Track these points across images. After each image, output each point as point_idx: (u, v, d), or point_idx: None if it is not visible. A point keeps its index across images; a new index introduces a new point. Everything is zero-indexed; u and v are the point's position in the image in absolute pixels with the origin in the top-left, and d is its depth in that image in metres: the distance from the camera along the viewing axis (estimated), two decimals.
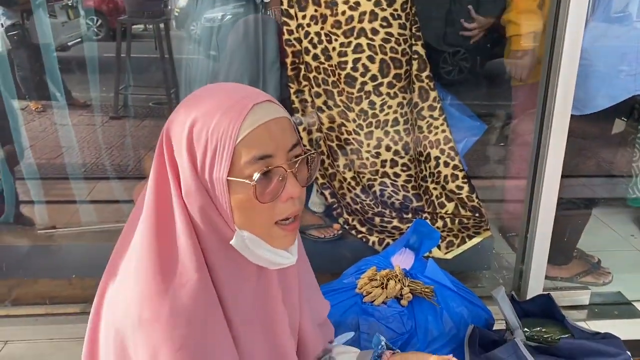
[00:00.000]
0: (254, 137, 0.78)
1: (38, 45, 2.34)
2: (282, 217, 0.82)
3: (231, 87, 0.84)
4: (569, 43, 1.68)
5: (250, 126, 0.78)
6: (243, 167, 0.78)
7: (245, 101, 0.79)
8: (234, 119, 0.77)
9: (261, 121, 0.79)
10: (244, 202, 0.79)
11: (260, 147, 0.78)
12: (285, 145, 0.81)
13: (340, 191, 2.05)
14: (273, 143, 0.79)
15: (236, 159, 0.77)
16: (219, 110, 0.78)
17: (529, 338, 1.35)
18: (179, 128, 0.80)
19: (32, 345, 1.79)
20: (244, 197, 0.79)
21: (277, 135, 0.80)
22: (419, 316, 1.44)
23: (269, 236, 0.83)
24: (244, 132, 0.77)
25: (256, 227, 0.81)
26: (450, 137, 1.97)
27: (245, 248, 0.82)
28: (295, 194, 0.81)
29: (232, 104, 0.78)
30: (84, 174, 2.91)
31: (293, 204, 0.83)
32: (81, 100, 3.43)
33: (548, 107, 1.78)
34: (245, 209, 0.80)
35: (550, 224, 1.85)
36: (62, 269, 1.98)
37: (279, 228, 0.83)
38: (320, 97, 1.93)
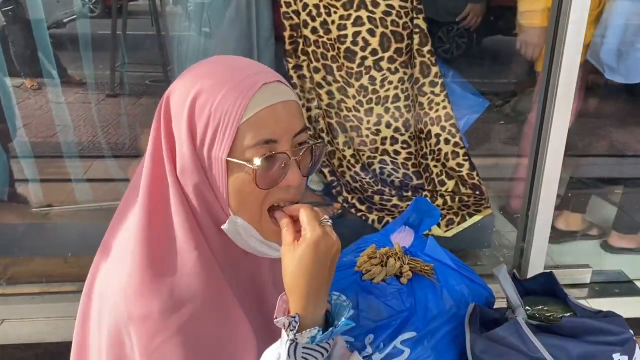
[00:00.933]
0: (260, 118, 0.74)
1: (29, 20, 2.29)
2: (275, 202, 0.79)
3: (243, 62, 0.79)
4: (573, 18, 1.64)
5: (257, 106, 0.73)
6: (245, 149, 0.74)
7: (255, 78, 0.75)
8: (240, 96, 0.73)
9: (269, 102, 0.74)
10: (240, 185, 0.75)
11: (266, 130, 0.74)
12: (291, 130, 0.77)
13: (339, 169, 2.02)
14: (279, 127, 0.75)
15: (238, 140, 0.73)
16: (226, 84, 0.74)
17: (531, 316, 1.33)
18: (181, 98, 0.75)
19: (29, 323, 1.78)
20: (241, 180, 0.75)
21: (283, 120, 0.76)
22: (418, 294, 1.42)
23: (259, 225, 0.80)
24: (250, 112, 0.73)
25: (248, 212, 0.78)
26: (451, 114, 1.93)
27: (236, 234, 0.80)
28: (295, 182, 0.78)
29: (240, 80, 0.74)
30: (80, 152, 2.88)
31: (288, 191, 0.79)
32: (77, 78, 3.38)
33: (551, 85, 1.75)
34: (240, 192, 0.76)
35: (552, 202, 1.83)
36: (58, 247, 1.97)
37: (270, 222, 0.79)
38: (319, 73, 1.89)
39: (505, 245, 2.18)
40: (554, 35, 1.71)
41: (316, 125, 1.97)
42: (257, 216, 0.78)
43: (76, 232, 1.97)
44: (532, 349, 1.21)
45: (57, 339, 1.72)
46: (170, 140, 0.77)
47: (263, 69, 0.78)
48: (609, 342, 1.24)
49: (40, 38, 2.26)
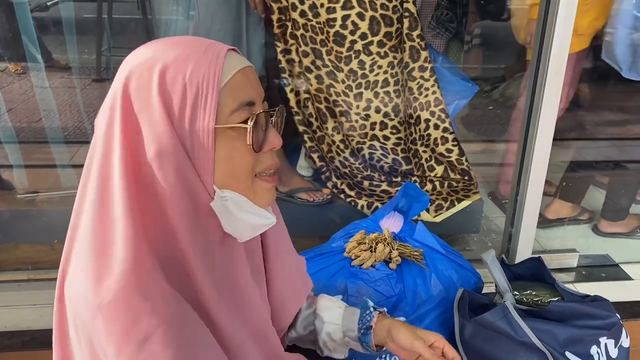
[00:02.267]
0: (237, 82, 0.74)
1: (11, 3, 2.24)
2: (263, 168, 0.78)
3: (191, 38, 0.77)
4: (564, 3, 1.64)
5: (231, 71, 0.74)
6: (229, 114, 0.72)
7: (217, 47, 0.74)
8: (213, 62, 0.72)
9: (238, 67, 0.75)
10: (230, 154, 0.73)
11: (245, 92, 0.74)
12: (261, 93, 0.78)
13: (328, 154, 2.01)
14: (253, 90, 0.76)
15: (222, 106, 0.72)
16: (192, 55, 0.71)
17: (519, 301, 1.34)
18: (144, 79, 0.70)
19: (15, 311, 1.76)
20: (230, 147, 0.73)
21: (254, 83, 0.77)
22: (407, 279, 1.42)
23: (252, 191, 0.78)
24: (226, 77, 0.73)
25: (240, 181, 0.76)
26: (440, 99, 1.92)
27: (225, 212, 0.76)
28: (278, 144, 0.79)
29: (204, 50, 0.73)
30: (66, 137, 2.84)
31: (273, 156, 0.80)
32: (62, 62, 3.32)
33: (541, 70, 1.74)
34: (230, 160, 0.74)
35: (540, 187, 1.84)
36: (44, 234, 1.94)
37: (261, 180, 0.79)
38: (308, 57, 1.87)
39: (494, 231, 2.19)
40: (543, 21, 1.70)
41: (305, 110, 1.95)
42: (249, 184, 0.77)
43: (62, 219, 1.94)
44: (520, 334, 1.22)
45: (44, 327, 1.70)
46: (129, 131, 0.70)
47: (214, 41, 0.77)
48: (596, 326, 1.25)
49: (24, 21, 2.21)
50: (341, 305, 1.08)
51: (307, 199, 1.96)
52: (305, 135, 1.95)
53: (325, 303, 1.09)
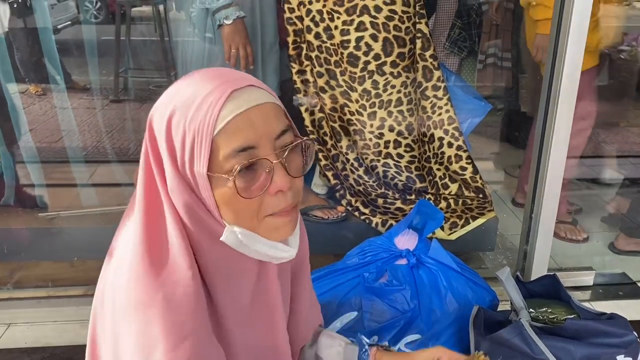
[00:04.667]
0: (233, 127, 0.71)
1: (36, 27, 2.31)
2: (271, 212, 0.75)
3: (213, 73, 0.77)
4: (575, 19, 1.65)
5: (228, 115, 0.71)
6: (223, 160, 0.71)
7: (224, 87, 0.72)
8: (211, 108, 0.71)
9: (241, 109, 0.72)
10: (228, 198, 0.73)
11: (240, 138, 0.71)
12: (271, 133, 0.74)
13: (343, 172, 2.03)
14: (255, 133, 0.72)
15: (215, 152, 0.71)
16: (196, 99, 0.72)
17: (535, 319, 1.34)
18: (160, 120, 0.74)
19: (35, 327, 1.79)
20: (227, 192, 0.72)
21: (259, 124, 0.73)
22: (422, 295, 1.43)
23: (261, 229, 0.76)
24: (222, 122, 0.71)
25: (245, 221, 0.75)
26: (454, 118, 1.94)
27: (239, 244, 0.76)
28: (284, 186, 0.74)
29: (209, 91, 0.72)
30: (85, 157, 2.90)
31: (284, 198, 0.75)
32: (81, 84, 3.40)
33: (554, 87, 1.76)
34: (230, 204, 0.74)
35: (555, 204, 1.84)
36: (64, 251, 1.98)
37: (271, 218, 0.76)
38: (323, 77, 1.90)
39: (509, 248, 2.18)
40: (556, 37, 1.72)
41: (319, 129, 1.98)
42: (256, 223, 0.76)
43: (82, 237, 1.98)
44: (536, 351, 1.22)
45: (64, 343, 1.72)
46: (159, 162, 0.75)
47: (234, 76, 0.75)
48: (613, 344, 1.25)
49: (47, 45, 2.27)
50: (342, 343, 1.06)
51: (322, 216, 1.98)
52: (320, 154, 1.98)
53: (326, 341, 1.07)
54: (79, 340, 1.75)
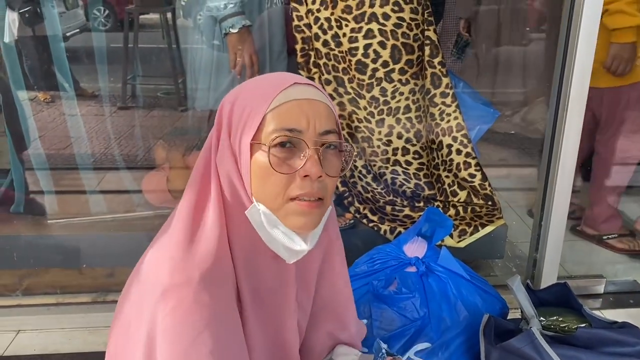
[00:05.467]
0: (285, 109, 0.79)
1: (45, 35, 2.33)
2: (296, 193, 0.80)
3: (279, 73, 0.89)
4: (585, 27, 1.65)
5: (283, 99, 0.79)
6: (268, 134, 0.78)
7: (287, 78, 0.82)
8: (271, 90, 0.80)
9: (296, 97, 0.80)
10: (261, 169, 0.79)
11: (290, 119, 0.79)
12: (317, 126, 0.81)
13: (351, 180, 2.03)
14: (304, 119, 0.80)
15: (264, 127, 0.79)
16: (260, 85, 0.83)
17: (546, 327, 1.33)
18: (227, 106, 0.84)
19: (44, 334, 1.80)
20: (262, 165, 0.79)
21: (309, 113, 0.80)
22: (432, 303, 1.42)
23: (282, 212, 0.81)
24: (277, 102, 0.79)
25: (270, 199, 0.80)
26: (462, 125, 1.93)
27: (260, 225, 0.82)
28: (312, 173, 0.79)
29: (275, 80, 0.82)
30: (93, 164, 2.90)
31: (311, 185, 0.80)
32: (89, 91, 3.42)
33: (563, 94, 1.75)
34: (261, 177, 0.79)
35: (565, 212, 1.83)
36: (72, 258, 1.98)
37: (294, 203, 0.80)
38: (331, 85, 1.90)
39: (518, 256, 2.17)
40: (565, 45, 1.71)
41: None
42: (280, 204, 0.80)
43: (90, 244, 1.99)
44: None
45: (72, 350, 1.72)
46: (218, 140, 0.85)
47: (299, 77, 0.84)
48: (625, 353, 1.23)
49: (57, 53, 2.29)
50: (357, 353, 1.09)
51: None
52: None
53: (341, 350, 1.10)
54: (86, 348, 1.75)
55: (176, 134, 3.35)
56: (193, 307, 0.75)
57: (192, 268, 0.77)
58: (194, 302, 0.75)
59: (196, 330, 0.75)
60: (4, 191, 2.17)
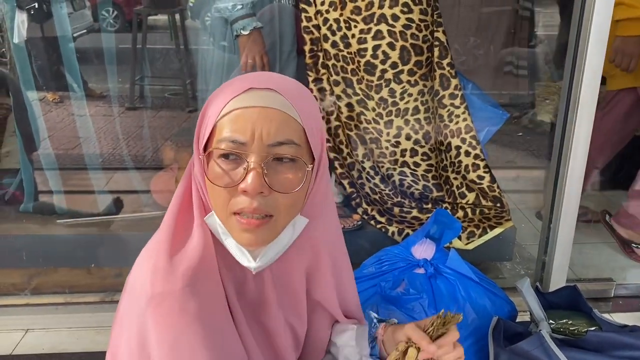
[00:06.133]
0: (234, 117, 0.76)
1: (54, 36, 2.34)
2: (235, 209, 0.76)
3: (250, 74, 0.83)
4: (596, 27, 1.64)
5: (235, 105, 0.76)
6: (215, 143, 0.77)
7: (245, 83, 0.78)
8: (227, 96, 0.77)
9: (247, 104, 0.75)
10: (208, 180, 0.78)
11: (235, 129, 0.75)
12: (265, 137, 0.74)
13: (359, 181, 2.03)
14: (250, 130, 0.74)
15: (214, 134, 0.77)
16: (223, 92, 0.79)
17: (555, 330, 1.32)
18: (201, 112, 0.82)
19: (52, 333, 1.80)
20: (208, 173, 0.78)
21: (257, 124, 0.74)
22: (440, 305, 1.41)
23: (228, 225, 0.79)
24: (227, 109, 0.76)
25: (217, 210, 0.80)
26: (471, 126, 1.93)
27: (217, 233, 0.82)
28: (250, 189, 0.74)
29: (234, 84, 0.79)
30: (102, 164, 2.92)
31: (249, 201, 0.75)
32: (97, 92, 3.44)
33: (574, 96, 1.74)
34: (209, 186, 0.78)
35: (574, 215, 1.81)
36: (81, 258, 1.99)
37: (235, 219, 0.77)
38: (339, 85, 1.90)
39: (527, 259, 2.16)
40: (575, 44, 1.70)
41: (335, 137, 1.98)
42: (225, 217, 0.79)
43: (99, 244, 2.00)
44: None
45: (80, 349, 1.73)
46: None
47: (262, 77, 0.79)
48: (636, 357, 1.22)
49: (66, 53, 2.30)
50: (353, 327, 1.07)
51: None
52: (336, 162, 1.98)
53: (339, 327, 1.08)
54: (94, 347, 1.75)
55: (184, 134, 3.35)
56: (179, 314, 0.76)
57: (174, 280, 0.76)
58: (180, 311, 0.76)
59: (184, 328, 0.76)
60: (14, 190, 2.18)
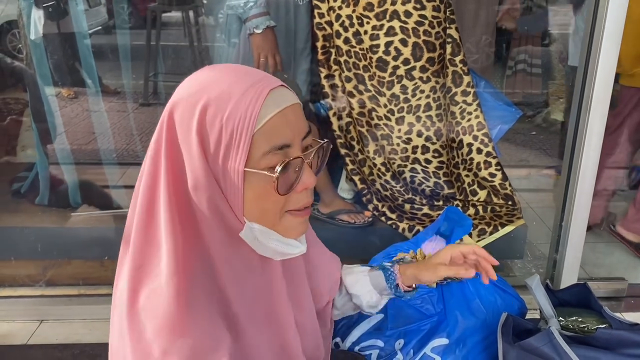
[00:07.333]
0: (272, 125, 0.73)
1: (70, 32, 2.37)
2: (296, 207, 0.79)
3: (242, 70, 0.78)
4: (609, 25, 1.63)
5: (268, 114, 0.73)
6: (261, 157, 0.73)
7: (260, 86, 0.74)
8: (251, 105, 0.72)
9: (279, 108, 0.74)
10: (259, 194, 0.75)
11: (279, 136, 0.74)
12: (301, 133, 0.77)
13: (370, 177, 2.03)
14: (290, 132, 0.75)
15: (253, 149, 0.72)
16: (233, 94, 0.73)
17: (565, 327, 1.32)
18: (186, 113, 0.73)
19: (66, 324, 1.84)
20: (259, 189, 0.74)
21: (293, 123, 0.76)
22: (449, 300, 1.42)
23: (281, 226, 0.79)
24: (262, 120, 0.72)
25: (268, 218, 0.77)
26: (483, 124, 1.92)
27: (254, 240, 0.79)
28: (310, 184, 0.78)
29: (247, 89, 0.73)
30: (115, 159, 2.95)
31: (307, 195, 0.79)
32: (111, 88, 3.47)
33: (586, 95, 1.73)
34: (259, 200, 0.75)
35: (586, 212, 1.81)
36: (95, 251, 2.01)
37: (291, 216, 0.79)
38: (351, 82, 1.91)
39: (538, 257, 2.15)
40: (589, 42, 1.70)
41: (347, 133, 1.99)
42: (278, 220, 0.78)
43: (112, 237, 2.02)
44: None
45: (94, 340, 1.76)
46: (172, 158, 0.75)
47: (264, 75, 0.77)
48: None
49: (82, 49, 2.33)
50: (364, 270, 1.11)
51: (349, 221, 1.98)
52: (347, 158, 1.98)
53: (350, 279, 1.11)
54: (107, 339, 1.78)
55: None
56: None
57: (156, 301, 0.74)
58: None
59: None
60: (30, 183, 2.21)
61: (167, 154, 0.74)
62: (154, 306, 0.74)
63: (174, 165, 0.74)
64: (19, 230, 2.02)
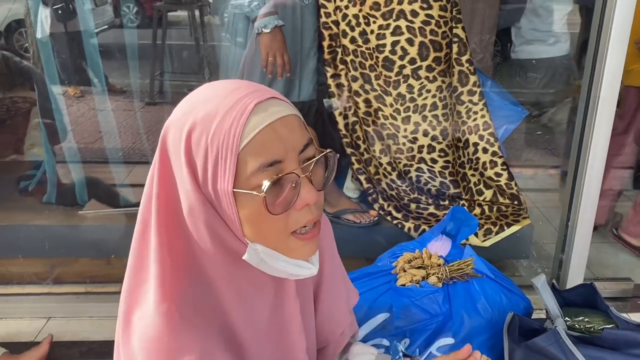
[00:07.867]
0: (259, 141, 0.68)
1: (77, 31, 2.38)
2: (298, 226, 0.73)
3: (232, 85, 0.73)
4: (617, 25, 1.63)
5: (253, 129, 0.68)
6: (250, 176, 0.68)
7: (246, 100, 0.69)
8: (235, 121, 0.67)
9: (266, 122, 0.69)
10: (253, 215, 0.70)
11: (267, 152, 0.68)
12: (296, 146, 0.71)
13: (375, 177, 2.04)
14: (281, 146, 0.69)
15: (241, 168, 0.68)
16: (218, 112, 0.68)
17: (571, 327, 1.32)
18: (176, 135, 0.71)
19: (74, 321, 1.85)
20: (252, 209, 0.70)
21: (285, 137, 0.70)
22: (454, 299, 1.42)
23: (285, 248, 0.74)
24: (248, 136, 0.68)
25: (269, 240, 0.73)
26: (489, 123, 1.92)
27: (260, 262, 0.74)
28: (311, 200, 0.72)
29: (232, 105, 0.69)
30: (122, 157, 2.96)
31: (310, 212, 0.73)
32: (117, 87, 3.49)
33: (593, 95, 1.73)
34: (255, 221, 0.71)
35: (593, 213, 1.80)
36: (102, 249, 2.03)
37: (296, 238, 0.74)
38: (357, 81, 1.91)
39: (544, 257, 2.15)
40: (596, 43, 1.69)
41: (353, 133, 1.99)
42: (282, 241, 0.74)
43: (119, 235, 2.03)
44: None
45: (101, 338, 1.77)
46: (165, 182, 0.72)
47: (254, 89, 0.72)
48: None
49: (89, 48, 2.35)
50: (374, 352, 1.05)
51: (354, 220, 1.98)
52: (353, 158, 1.99)
53: (357, 349, 1.05)
54: (114, 336, 1.79)
55: None
56: None
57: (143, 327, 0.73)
58: None
59: None
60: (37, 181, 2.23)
61: (160, 178, 0.72)
62: (144, 332, 0.73)
63: (166, 190, 0.72)
64: (27, 228, 2.03)
